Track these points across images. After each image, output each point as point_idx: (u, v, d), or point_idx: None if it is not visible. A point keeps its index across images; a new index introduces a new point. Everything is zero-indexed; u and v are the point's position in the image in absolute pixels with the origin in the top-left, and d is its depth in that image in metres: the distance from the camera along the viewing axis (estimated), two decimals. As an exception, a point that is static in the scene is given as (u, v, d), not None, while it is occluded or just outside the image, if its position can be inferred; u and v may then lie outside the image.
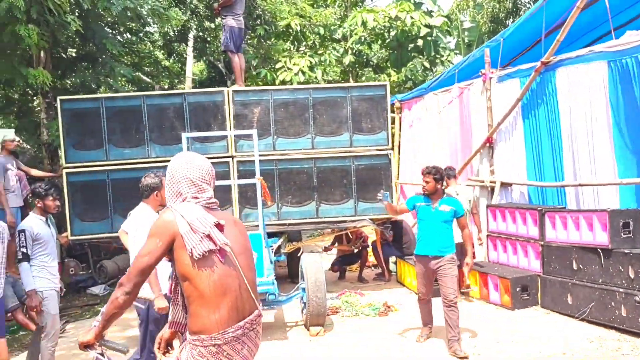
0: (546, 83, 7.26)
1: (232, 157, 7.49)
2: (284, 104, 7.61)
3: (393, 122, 13.35)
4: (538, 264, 6.84)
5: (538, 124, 7.54)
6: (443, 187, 5.72)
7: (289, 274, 9.10)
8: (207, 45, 14.32)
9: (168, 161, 6.90)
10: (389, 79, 15.21)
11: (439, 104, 10.08)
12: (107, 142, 7.33)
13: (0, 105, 12.50)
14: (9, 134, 6.92)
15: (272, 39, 14.53)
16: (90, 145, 7.34)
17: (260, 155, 7.46)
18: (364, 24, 14.29)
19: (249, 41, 13.49)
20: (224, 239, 2.34)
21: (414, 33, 15.38)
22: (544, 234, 6.71)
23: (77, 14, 8.62)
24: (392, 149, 7.74)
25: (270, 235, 7.72)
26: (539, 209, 6.80)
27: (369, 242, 9.15)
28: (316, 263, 6.23)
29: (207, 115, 7.49)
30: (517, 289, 6.70)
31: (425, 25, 15.11)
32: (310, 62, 14.64)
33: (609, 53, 6.25)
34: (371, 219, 7.75)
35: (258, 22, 12.86)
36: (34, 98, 11.46)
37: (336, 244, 9.23)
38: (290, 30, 14.61)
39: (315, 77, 14.44)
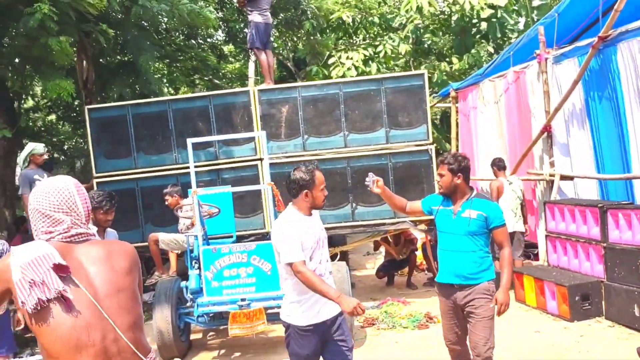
0: (607, 61, 6.32)
1: (261, 159, 7.12)
2: (313, 100, 7.14)
3: (448, 113, 12.58)
4: (601, 269, 5.96)
5: (602, 109, 6.59)
6: (469, 183, 4.00)
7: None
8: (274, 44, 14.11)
9: (196, 167, 6.68)
10: (450, 67, 14.32)
11: (495, 91, 9.22)
12: (135, 149, 7.20)
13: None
14: (38, 146, 6.92)
15: (322, 34, 14.03)
16: (119, 154, 7.24)
17: (290, 156, 7.13)
18: (419, 9, 13.45)
19: (295, 38, 13.15)
20: (58, 284, 1.87)
21: (475, 16, 14.34)
22: (607, 235, 5.82)
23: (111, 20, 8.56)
24: (436, 142, 7.04)
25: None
26: (599, 205, 5.92)
27: (418, 243, 8.50)
28: (340, 272, 5.72)
29: (234, 116, 7.17)
30: (577, 298, 5.87)
31: (489, 6, 14.02)
32: (365, 56, 13.99)
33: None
34: (412, 221, 7.13)
35: (304, 17, 12.41)
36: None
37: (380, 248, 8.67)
38: (342, 22, 14.02)
39: (370, 72, 13.79)
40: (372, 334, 6.17)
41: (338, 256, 7.50)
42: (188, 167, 7.02)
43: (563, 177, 7.22)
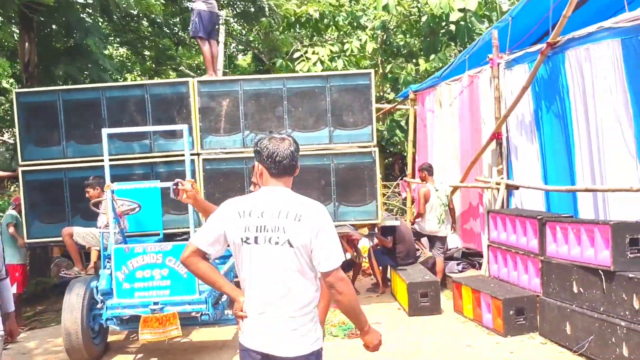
0: (556, 69, 6.13)
1: (198, 154, 6.79)
2: (256, 95, 6.82)
3: (403, 115, 12.38)
4: (538, 283, 5.78)
5: (550, 120, 6.41)
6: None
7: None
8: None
9: (129, 159, 6.33)
10: (417, 69, 14.12)
11: (450, 94, 9.03)
12: (64, 138, 6.80)
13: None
14: None
15: (290, 29, 13.68)
16: (48, 142, 6.83)
17: (229, 153, 6.81)
18: (385, 8, 13.21)
19: (255, 33, 12.82)
20: None
21: (444, 18, 14.17)
22: (545, 248, 5.64)
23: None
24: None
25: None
26: (538, 217, 5.72)
27: (359, 245, 8.25)
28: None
29: (171, 108, 6.81)
30: (511, 312, 5.67)
31: (459, 10, 13.85)
32: (331, 52, 13.72)
33: (621, 30, 5.09)
34: (353, 225, 6.87)
35: (261, 14, 12.08)
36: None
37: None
38: (311, 18, 13.70)
39: (336, 67, 13.53)
40: (300, 342, 5.89)
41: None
42: (121, 159, 6.82)
43: (509, 186, 7.04)
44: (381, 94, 16.90)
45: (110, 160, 6.70)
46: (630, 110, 5.12)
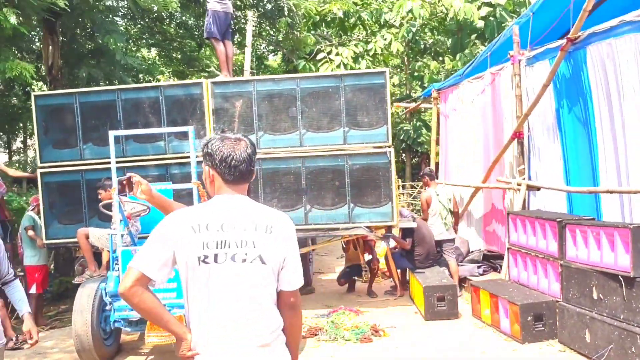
0: (578, 66, 5.89)
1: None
2: (269, 96, 6.77)
3: (418, 113, 12.17)
4: (558, 288, 5.56)
5: (572, 118, 6.17)
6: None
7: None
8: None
9: (143, 160, 6.36)
10: (442, 67, 13.88)
11: (473, 92, 8.81)
12: (81, 140, 6.87)
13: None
14: None
15: (302, 30, 13.61)
16: (65, 144, 6.92)
17: (242, 153, 6.74)
18: (410, 12, 13.00)
19: (273, 33, 12.77)
20: None
21: (470, 15, 13.87)
22: (565, 252, 5.41)
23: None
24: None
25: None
26: (558, 219, 5.50)
27: (378, 249, 8.12)
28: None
29: (186, 109, 6.82)
30: (529, 318, 5.46)
31: (486, 4, 13.55)
32: (355, 53, 13.58)
33: (644, 22, 4.85)
34: (368, 227, 6.74)
35: (280, 14, 12.02)
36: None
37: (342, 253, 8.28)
38: (335, 17, 13.59)
39: (359, 69, 13.39)
40: (311, 345, 5.81)
41: (310, 256, 7.13)
42: (137, 160, 6.86)
43: (530, 187, 6.81)
44: (408, 92, 16.71)
45: (124, 162, 6.86)
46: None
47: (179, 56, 13.90)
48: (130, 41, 11.01)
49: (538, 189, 6.74)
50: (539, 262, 5.92)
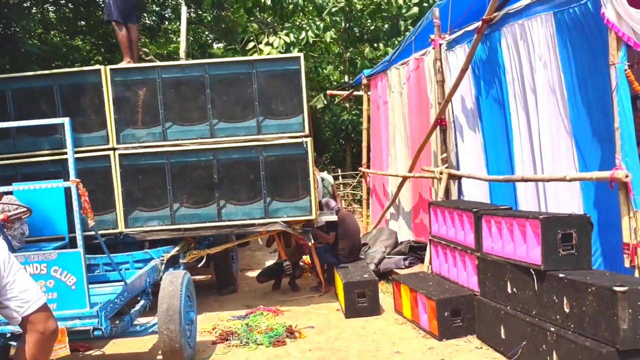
0: (494, 49, 5.66)
1: (114, 149, 6.25)
2: (176, 83, 6.28)
3: (359, 102, 11.92)
4: (476, 281, 5.34)
5: (490, 105, 5.95)
6: None
7: (219, 285, 7.80)
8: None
9: (37, 156, 5.77)
10: (375, 53, 13.62)
11: (399, 79, 8.54)
12: (-33, 135, 6.22)
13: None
14: None
15: (236, 12, 13.09)
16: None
17: (148, 147, 6.28)
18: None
19: (203, 14, 12.18)
20: None
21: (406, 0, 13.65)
22: (481, 243, 5.18)
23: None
24: (310, 135, 6.30)
25: (167, 242, 6.51)
26: (474, 210, 5.26)
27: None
28: (173, 285, 4.93)
29: (83, 99, 6.25)
30: (446, 314, 5.22)
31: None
32: (285, 42, 13.11)
33: (555, 2, 4.61)
34: (285, 222, 6.37)
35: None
36: None
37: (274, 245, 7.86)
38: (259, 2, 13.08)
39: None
40: (220, 352, 5.41)
41: (203, 259, 6.69)
42: (28, 157, 6.26)
43: (452, 176, 6.58)
44: (344, 80, 16.42)
45: (18, 157, 6.27)
46: (565, 92, 4.65)
47: (101, 43, 13.11)
48: (43, 27, 10.24)
49: (459, 178, 6.53)
50: (457, 254, 5.70)
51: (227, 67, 6.35)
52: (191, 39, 18.40)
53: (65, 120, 4.43)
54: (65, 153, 6.06)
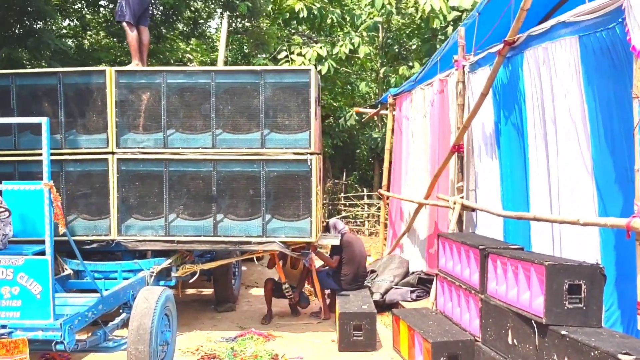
0: (515, 73, 5.21)
1: (113, 153, 6.05)
2: (180, 89, 6.05)
3: (383, 121, 11.54)
4: (478, 325, 4.85)
5: (508, 133, 5.49)
6: None
7: (216, 301, 7.49)
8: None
9: (37, 154, 5.63)
10: (411, 72, 13.21)
11: (424, 100, 8.12)
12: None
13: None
14: None
15: (266, 21, 12.90)
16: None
17: (147, 153, 6.06)
18: (372, 3, 12.28)
19: (236, 22, 12.04)
20: None
21: (442, 20, 13.19)
22: (486, 284, 4.70)
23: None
24: (319, 153, 5.98)
25: (160, 254, 6.25)
26: (481, 247, 4.79)
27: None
28: (147, 301, 4.62)
29: (86, 99, 6.08)
30: (442, 359, 4.75)
31: (453, 9, 12.85)
32: (318, 54, 12.84)
33: (581, 26, 4.15)
34: (283, 242, 6.02)
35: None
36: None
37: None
38: (296, 14, 12.85)
39: (320, 71, 12.66)
40: (197, 377, 5.08)
41: (197, 274, 6.39)
42: (29, 154, 6.11)
43: (465, 207, 6.12)
44: (379, 98, 16.05)
45: (17, 155, 6.14)
46: (588, 125, 4.17)
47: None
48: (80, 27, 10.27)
49: (473, 209, 6.06)
50: (462, 293, 5.22)
51: (234, 76, 6.08)
52: (235, 48, 18.42)
53: (43, 120, 4.21)
54: (62, 154, 5.99)
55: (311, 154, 5.96)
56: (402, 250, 8.81)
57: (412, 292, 7.00)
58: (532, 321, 3.83)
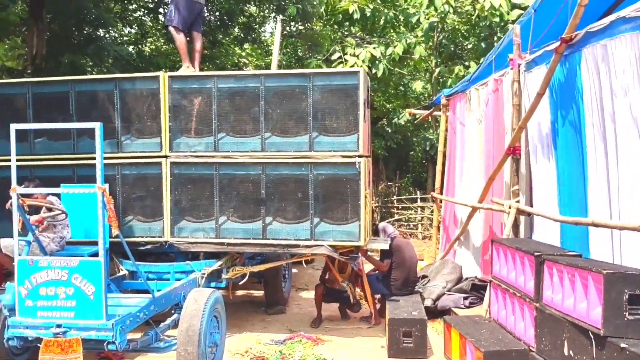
0: (572, 72, 4.98)
1: (166, 157, 6.19)
2: (230, 93, 6.12)
3: (437, 122, 11.31)
4: (532, 334, 4.65)
5: (566, 134, 5.24)
6: None
7: (267, 303, 7.54)
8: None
9: (93, 158, 5.85)
10: (467, 72, 12.89)
11: (479, 100, 7.91)
12: (32, 134, 6.40)
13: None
14: None
15: (318, 22, 12.86)
16: (16, 137, 6.44)
17: (199, 156, 6.16)
18: (432, 3, 12.07)
19: (290, 26, 12.09)
20: None
21: (500, 18, 12.82)
22: (541, 293, 4.51)
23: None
24: (368, 156, 5.90)
25: (211, 256, 6.33)
26: (536, 253, 4.59)
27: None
28: (196, 303, 4.68)
29: (140, 104, 6.25)
30: (494, 369, 4.59)
31: (515, 7, 12.47)
32: (372, 55, 12.73)
33: (642, 19, 3.91)
34: (331, 246, 5.98)
35: (289, 2, 11.29)
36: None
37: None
38: (350, 16, 12.78)
39: (375, 74, 12.55)
40: (245, 379, 5.11)
41: (246, 276, 6.43)
42: (88, 158, 6.32)
43: (520, 212, 5.89)
44: (433, 99, 15.78)
45: (78, 159, 6.36)
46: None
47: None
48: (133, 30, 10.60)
49: (529, 214, 5.83)
50: (517, 301, 5.02)
51: (282, 79, 6.09)
52: (290, 51, 18.56)
53: (96, 125, 4.33)
54: (118, 157, 6.17)
55: (359, 156, 5.89)
56: (455, 255, 8.60)
57: (465, 298, 6.81)
58: (590, 332, 3.64)
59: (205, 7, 7.04)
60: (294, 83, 6.02)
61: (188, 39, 6.84)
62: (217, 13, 12.32)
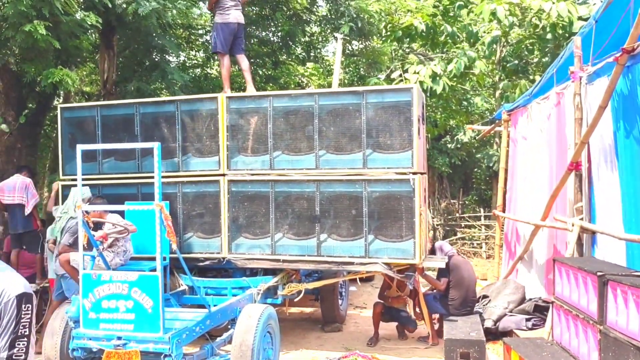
0: (636, 81, 4.76)
1: (224, 175, 6.36)
2: (285, 112, 6.24)
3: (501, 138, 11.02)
4: (596, 359, 4.42)
5: (630, 147, 5.00)
6: None
7: (323, 321, 7.55)
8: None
9: (152, 177, 6.12)
10: (530, 87, 12.53)
11: (540, 114, 7.67)
12: (101, 154, 6.75)
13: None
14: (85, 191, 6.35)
15: (377, 40, 12.84)
16: (85, 157, 6.80)
17: (255, 174, 6.29)
18: (494, 16, 11.81)
19: (351, 45, 12.16)
20: None
21: (568, 30, 12.39)
22: (605, 315, 4.29)
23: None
24: (424, 172, 5.83)
25: (268, 272, 6.42)
26: (599, 273, 4.38)
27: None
28: (250, 319, 4.75)
29: (200, 124, 6.48)
30: (554, 394, 4.39)
31: (580, 19, 12.04)
32: (433, 71, 12.59)
33: None
34: (386, 264, 5.93)
35: (343, 20, 11.37)
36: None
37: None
38: (415, 30, 12.70)
39: (435, 91, 12.40)
40: (298, 396, 5.12)
41: (302, 293, 6.47)
42: (151, 177, 6.58)
43: (584, 230, 5.64)
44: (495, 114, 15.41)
45: (142, 178, 6.63)
46: None
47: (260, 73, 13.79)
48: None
49: (593, 232, 5.57)
50: (580, 323, 4.79)
51: (336, 97, 6.16)
52: (352, 70, 18.70)
53: (155, 145, 4.52)
54: (179, 176, 6.39)
55: (414, 173, 5.84)
56: (517, 274, 8.31)
57: (527, 320, 6.55)
58: (656, 358, 3.42)
59: (244, 27, 7.24)
60: (347, 101, 6.07)
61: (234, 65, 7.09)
62: (280, 34, 12.59)
